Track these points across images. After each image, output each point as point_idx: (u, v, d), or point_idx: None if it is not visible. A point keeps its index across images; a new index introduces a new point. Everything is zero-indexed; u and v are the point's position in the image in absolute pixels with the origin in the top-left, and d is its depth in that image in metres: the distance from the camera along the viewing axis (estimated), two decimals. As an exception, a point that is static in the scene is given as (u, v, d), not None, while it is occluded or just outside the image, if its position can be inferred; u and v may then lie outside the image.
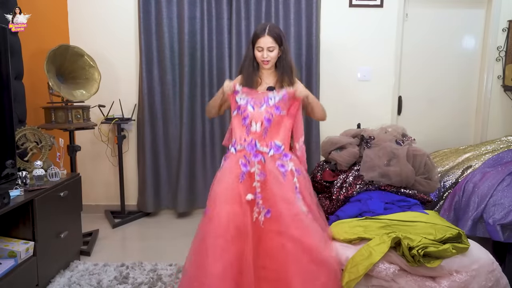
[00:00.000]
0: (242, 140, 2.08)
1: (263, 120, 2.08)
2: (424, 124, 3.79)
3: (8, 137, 2.07)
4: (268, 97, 2.11)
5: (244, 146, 2.07)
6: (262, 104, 2.10)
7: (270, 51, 2.15)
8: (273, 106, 2.09)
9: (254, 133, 2.08)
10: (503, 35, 3.68)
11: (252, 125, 2.08)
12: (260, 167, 2.02)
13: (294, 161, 2.11)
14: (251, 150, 2.05)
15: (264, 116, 2.08)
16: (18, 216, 2.18)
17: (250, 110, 2.10)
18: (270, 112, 2.08)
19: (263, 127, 2.08)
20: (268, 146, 2.07)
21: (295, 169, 2.07)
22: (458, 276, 1.72)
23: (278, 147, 2.08)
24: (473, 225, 2.39)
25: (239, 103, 2.12)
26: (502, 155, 2.80)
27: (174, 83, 3.54)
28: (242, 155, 2.05)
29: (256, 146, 2.06)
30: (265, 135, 2.08)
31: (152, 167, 3.58)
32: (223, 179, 2.03)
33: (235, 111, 2.14)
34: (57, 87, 2.85)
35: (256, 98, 2.12)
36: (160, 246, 3.00)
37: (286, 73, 2.21)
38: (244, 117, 2.10)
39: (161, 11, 3.42)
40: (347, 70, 3.66)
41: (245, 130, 2.09)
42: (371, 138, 2.66)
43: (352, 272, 1.75)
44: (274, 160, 2.04)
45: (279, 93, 2.11)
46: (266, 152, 2.05)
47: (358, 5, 3.58)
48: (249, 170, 2.02)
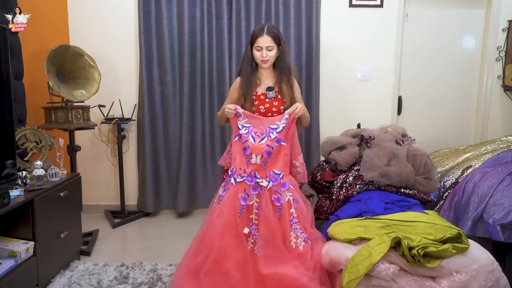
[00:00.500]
0: (242, 171, 2.11)
1: (263, 154, 2.11)
2: (424, 124, 3.79)
3: (8, 137, 2.07)
4: (270, 129, 2.12)
5: (244, 177, 2.10)
6: (264, 136, 2.12)
7: (269, 50, 2.16)
8: (274, 139, 2.12)
9: (254, 165, 2.11)
10: (503, 35, 3.68)
11: (252, 157, 2.12)
12: (259, 200, 2.09)
13: (292, 190, 2.13)
14: (251, 182, 2.09)
15: (264, 149, 2.11)
16: (18, 216, 2.18)
17: (251, 141, 2.12)
18: (270, 145, 2.11)
19: (263, 160, 2.11)
20: (267, 177, 2.11)
21: (293, 199, 2.10)
22: (458, 276, 1.72)
23: (276, 175, 2.11)
24: (473, 225, 2.39)
25: (240, 132, 2.14)
26: (502, 155, 2.80)
27: (174, 83, 3.54)
28: (242, 188, 2.09)
29: (256, 177, 2.10)
30: (264, 167, 2.12)
31: (152, 167, 3.58)
32: (223, 213, 2.06)
33: (236, 137, 2.16)
34: (57, 87, 2.85)
35: (258, 128, 2.14)
36: (160, 246, 3.00)
37: (285, 73, 2.22)
38: (245, 147, 2.13)
39: (161, 11, 3.42)
40: (347, 70, 3.66)
41: (245, 160, 2.13)
42: (371, 138, 2.65)
43: (352, 272, 1.75)
44: (271, 193, 2.09)
45: (281, 122, 2.13)
46: (264, 186, 2.10)
47: (358, 5, 3.58)
48: (248, 203, 2.07)
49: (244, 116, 2.15)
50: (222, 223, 2.03)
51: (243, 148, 2.13)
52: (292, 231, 2.06)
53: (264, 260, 1.98)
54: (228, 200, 2.09)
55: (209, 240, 2.03)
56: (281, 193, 2.09)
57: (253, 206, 2.08)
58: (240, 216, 2.04)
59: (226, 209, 2.07)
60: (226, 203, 2.09)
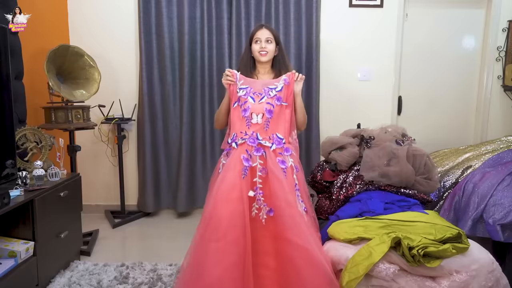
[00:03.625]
0: (243, 134, 2.05)
1: (264, 112, 2.06)
2: (424, 124, 3.79)
3: (8, 137, 2.07)
4: (269, 88, 2.09)
5: (246, 139, 2.04)
6: (263, 95, 2.08)
7: (268, 43, 2.16)
8: (273, 97, 2.07)
9: (255, 126, 2.06)
10: (503, 35, 3.69)
11: (253, 117, 2.07)
12: (262, 162, 2.01)
13: (294, 157, 2.10)
14: (253, 143, 2.03)
15: (265, 108, 2.06)
16: (18, 216, 2.18)
17: (250, 101, 2.07)
18: (271, 103, 2.06)
19: (264, 119, 2.06)
20: (270, 139, 2.05)
21: (294, 165, 2.07)
22: (458, 276, 1.72)
23: (280, 139, 2.06)
24: (473, 225, 2.39)
25: (238, 94, 2.10)
26: (502, 155, 2.80)
27: (174, 83, 3.54)
28: (244, 149, 2.02)
29: (258, 139, 2.04)
30: (267, 127, 2.06)
31: (152, 167, 3.58)
32: (226, 177, 1.97)
33: (235, 103, 2.11)
34: (57, 87, 2.85)
35: (256, 88, 2.10)
36: (160, 246, 3.00)
37: (284, 70, 2.23)
38: (245, 109, 2.08)
39: (161, 11, 3.42)
40: (347, 70, 3.66)
41: (246, 122, 2.06)
42: (371, 138, 2.65)
43: (352, 272, 1.75)
44: (275, 155, 2.03)
45: (279, 82, 2.10)
46: (268, 146, 2.03)
47: (358, 5, 3.58)
48: (251, 165, 2.00)
49: (240, 78, 2.12)
50: (225, 188, 1.94)
51: (243, 110, 2.07)
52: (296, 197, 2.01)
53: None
54: (230, 163, 2.01)
55: (212, 207, 1.92)
56: (284, 157, 2.04)
57: (256, 168, 1.99)
58: (244, 178, 1.96)
59: (229, 173, 1.97)
60: (228, 167, 2.00)
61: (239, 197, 1.92)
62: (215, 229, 1.87)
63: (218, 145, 3.61)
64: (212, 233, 1.87)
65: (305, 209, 2.04)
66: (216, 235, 1.86)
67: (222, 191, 1.94)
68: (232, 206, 1.90)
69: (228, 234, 1.85)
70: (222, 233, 1.85)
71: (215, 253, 1.84)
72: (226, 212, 1.88)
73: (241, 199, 1.92)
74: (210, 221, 1.90)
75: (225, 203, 1.91)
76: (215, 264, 1.82)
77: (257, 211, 1.98)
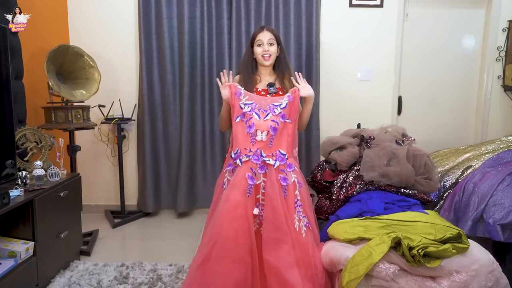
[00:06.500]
0: (247, 151, 2.05)
1: (269, 130, 2.05)
2: (424, 124, 3.79)
3: (8, 137, 2.07)
4: (274, 105, 2.08)
5: (250, 157, 2.04)
6: (268, 112, 2.07)
7: (270, 45, 2.16)
8: (278, 115, 2.07)
9: (259, 143, 2.05)
10: (503, 35, 3.68)
11: (258, 134, 2.06)
12: (266, 180, 2.02)
13: (297, 172, 2.09)
14: (257, 161, 2.03)
15: (269, 125, 2.05)
16: (18, 216, 2.18)
17: (255, 118, 2.06)
18: (275, 121, 2.06)
19: (268, 136, 2.06)
20: (274, 156, 2.05)
21: (297, 181, 2.07)
22: (458, 276, 1.71)
23: (283, 156, 2.06)
24: (473, 225, 2.39)
25: (243, 110, 2.08)
26: (502, 155, 2.80)
27: (174, 83, 3.54)
28: (248, 167, 2.02)
29: (262, 156, 2.03)
30: (270, 144, 2.05)
31: (152, 167, 3.58)
32: (231, 196, 1.97)
33: (238, 118, 2.09)
34: (57, 87, 2.85)
35: (261, 105, 2.09)
36: (160, 246, 3.00)
37: (286, 71, 2.22)
38: (250, 125, 2.06)
39: (161, 11, 3.42)
40: (347, 70, 3.66)
41: (250, 139, 2.06)
42: (371, 138, 2.65)
43: (352, 272, 1.74)
44: (277, 173, 2.03)
45: (283, 99, 2.09)
46: (271, 164, 2.03)
47: (358, 5, 3.58)
48: (255, 182, 2.01)
49: (245, 94, 2.10)
50: (230, 207, 1.94)
51: (248, 126, 2.06)
52: (296, 213, 2.01)
53: (267, 243, 1.91)
54: (235, 181, 2.01)
55: (217, 227, 1.92)
56: (287, 174, 2.04)
57: (260, 186, 2.01)
58: (248, 196, 1.97)
59: (234, 192, 1.98)
60: (233, 185, 2.00)
61: (244, 215, 1.93)
62: (221, 249, 1.88)
63: (218, 145, 3.61)
64: (218, 253, 1.88)
65: (307, 224, 2.04)
66: (221, 254, 1.88)
67: (227, 210, 1.94)
68: (237, 224, 1.91)
69: (234, 253, 1.87)
70: (228, 253, 1.87)
71: (220, 273, 1.86)
72: (231, 231, 1.90)
73: (246, 217, 1.93)
74: (216, 242, 1.90)
75: (230, 222, 1.91)
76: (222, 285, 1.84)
77: (258, 226, 2.02)
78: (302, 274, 1.90)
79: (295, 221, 2.00)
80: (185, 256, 2.72)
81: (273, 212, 1.95)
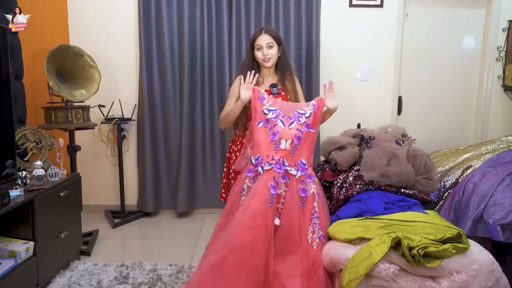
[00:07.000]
0: (269, 158, 2.00)
1: (294, 139, 2.01)
2: (424, 124, 3.79)
3: (8, 137, 2.07)
4: (299, 113, 2.05)
5: (273, 165, 1.99)
6: (292, 120, 2.04)
7: (269, 48, 2.16)
8: (303, 124, 2.04)
9: (283, 151, 2.01)
10: (503, 35, 3.69)
11: (282, 142, 2.01)
12: (287, 189, 1.99)
13: (316, 183, 2.07)
14: (279, 170, 1.98)
15: (294, 134, 2.01)
16: (18, 216, 2.18)
17: (280, 125, 2.02)
18: (300, 130, 2.02)
19: (292, 145, 2.01)
20: (296, 166, 2.02)
21: (316, 192, 2.04)
22: (458, 276, 1.71)
23: (303, 165, 2.03)
24: (473, 225, 2.39)
25: (267, 116, 2.04)
26: (502, 155, 2.80)
27: (174, 83, 3.54)
28: (271, 176, 1.97)
29: (284, 165, 1.99)
30: (293, 154, 2.02)
31: (152, 167, 3.58)
32: (251, 204, 1.91)
33: (261, 123, 2.03)
34: (57, 87, 2.85)
35: (285, 112, 2.05)
36: (160, 246, 3.00)
37: (288, 71, 2.22)
38: (274, 132, 2.02)
39: (161, 11, 3.42)
40: (347, 70, 3.66)
41: (273, 147, 2.01)
42: (371, 138, 2.65)
43: (352, 272, 1.74)
44: (297, 183, 2.00)
45: (308, 107, 2.07)
46: (293, 174, 2.00)
47: (358, 5, 3.58)
48: (278, 192, 1.97)
49: (268, 100, 2.05)
50: (250, 215, 1.88)
51: (272, 133, 2.02)
52: (311, 225, 1.98)
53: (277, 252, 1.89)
54: (256, 189, 1.95)
55: (234, 235, 1.87)
56: (307, 184, 2.01)
57: (281, 195, 1.97)
58: (270, 206, 1.92)
59: (254, 200, 1.92)
60: (254, 193, 1.94)
61: (264, 224, 1.89)
62: (236, 257, 1.83)
63: (218, 145, 3.61)
64: (233, 261, 1.84)
65: (321, 236, 2.01)
66: (236, 263, 1.83)
67: (246, 217, 1.90)
68: (256, 233, 1.87)
69: (249, 262, 1.83)
70: (243, 262, 1.83)
71: (232, 281, 1.82)
72: (249, 240, 1.85)
73: (266, 226, 1.89)
74: (232, 250, 1.85)
75: (249, 231, 1.87)
76: None
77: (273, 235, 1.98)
78: (304, 286, 1.88)
79: (309, 232, 1.98)
80: (185, 256, 2.73)
81: (289, 223, 1.94)
